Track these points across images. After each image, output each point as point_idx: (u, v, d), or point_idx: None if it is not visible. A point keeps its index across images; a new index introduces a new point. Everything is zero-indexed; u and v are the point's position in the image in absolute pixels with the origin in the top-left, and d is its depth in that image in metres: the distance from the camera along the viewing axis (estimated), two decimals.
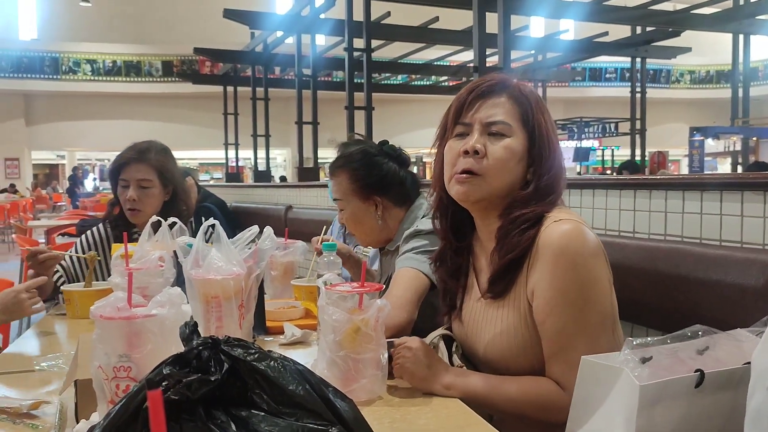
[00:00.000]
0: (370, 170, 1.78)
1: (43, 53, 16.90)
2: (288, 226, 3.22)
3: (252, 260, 1.41)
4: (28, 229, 6.62)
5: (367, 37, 5.89)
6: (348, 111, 5.95)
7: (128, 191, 2.15)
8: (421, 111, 18.14)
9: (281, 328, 1.57)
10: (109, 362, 0.94)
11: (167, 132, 16.56)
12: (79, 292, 1.82)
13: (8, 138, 17.57)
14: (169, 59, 17.33)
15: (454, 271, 1.32)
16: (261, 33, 8.85)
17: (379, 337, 1.11)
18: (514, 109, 1.21)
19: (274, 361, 0.66)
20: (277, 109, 10.69)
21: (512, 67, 5.78)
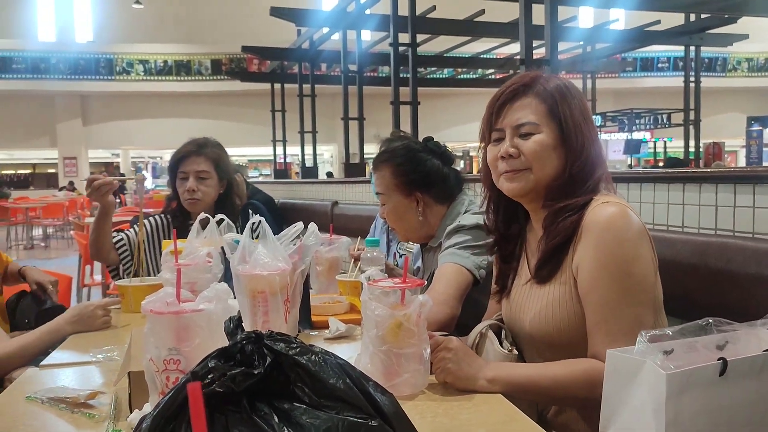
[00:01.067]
0: (414, 166, 1.78)
1: (98, 55, 17.44)
2: (334, 222, 3.25)
3: (297, 256, 1.43)
4: (85, 226, 6.85)
5: (412, 31, 5.88)
6: (393, 106, 5.96)
7: (187, 182, 2.27)
8: (468, 104, 18.03)
9: (326, 323, 1.59)
10: (159, 355, 0.98)
11: (217, 129, 16.85)
12: (133, 287, 1.88)
13: (67, 138, 18.23)
14: (218, 58, 17.66)
15: (506, 257, 1.41)
16: (307, 30, 8.93)
17: (421, 332, 1.11)
18: (540, 107, 1.27)
19: (316, 355, 0.68)
20: (323, 105, 10.77)
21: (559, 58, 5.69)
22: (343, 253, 2.12)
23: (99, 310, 1.67)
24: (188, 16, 18.32)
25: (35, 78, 17.04)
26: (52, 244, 11.58)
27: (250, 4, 17.24)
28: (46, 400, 1.15)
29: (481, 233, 1.68)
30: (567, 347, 1.23)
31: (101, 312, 1.68)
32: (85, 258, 4.77)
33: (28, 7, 18.51)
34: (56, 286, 2.20)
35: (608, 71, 15.07)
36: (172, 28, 18.22)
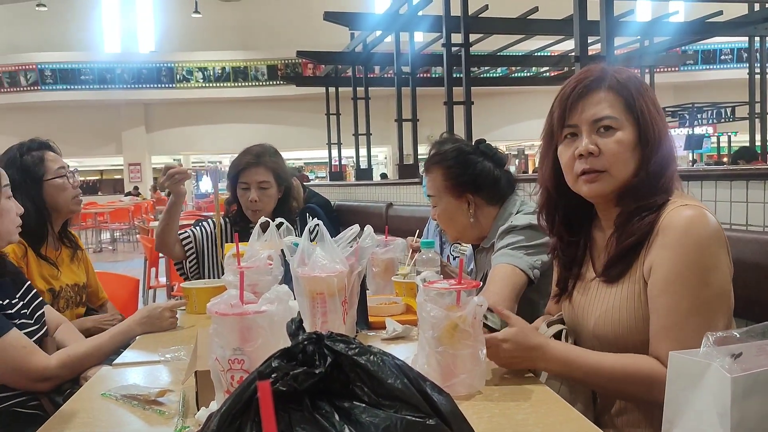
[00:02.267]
0: (464, 168, 1.80)
1: (160, 64, 18.02)
2: (388, 224, 3.28)
3: (354, 258, 1.46)
4: (150, 230, 7.10)
5: (465, 31, 5.86)
6: (447, 107, 5.95)
7: (249, 193, 2.35)
8: (522, 103, 17.82)
9: (383, 323, 1.61)
10: (224, 355, 1.02)
11: (273, 133, 17.24)
12: (197, 289, 1.96)
13: (131, 144, 18.90)
14: (274, 63, 17.99)
15: (567, 262, 1.36)
16: (360, 33, 9.01)
17: (477, 333, 1.13)
18: (618, 100, 1.21)
19: (374, 356, 0.70)
20: (377, 107, 10.85)
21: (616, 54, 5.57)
22: (399, 255, 2.15)
23: (166, 311, 1.75)
24: (244, 23, 18.73)
25: (102, 88, 17.74)
26: (119, 248, 12.03)
27: (305, 10, 17.50)
28: (120, 397, 1.21)
29: (534, 233, 1.68)
30: (631, 350, 1.21)
31: (168, 314, 1.75)
32: (151, 260, 4.95)
33: (95, 21, 19.30)
34: None
35: (667, 65, 14.61)
36: (230, 35, 18.66)
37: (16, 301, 1.63)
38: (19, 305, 1.64)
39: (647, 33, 9.15)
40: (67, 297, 2.06)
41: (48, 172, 2.04)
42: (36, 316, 1.69)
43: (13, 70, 17.44)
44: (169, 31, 19.20)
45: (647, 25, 9.16)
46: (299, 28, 17.82)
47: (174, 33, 19.07)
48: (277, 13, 18.59)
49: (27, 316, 1.65)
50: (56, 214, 2.08)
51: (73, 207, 2.12)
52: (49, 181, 2.03)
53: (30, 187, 1.97)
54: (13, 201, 1.64)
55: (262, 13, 18.57)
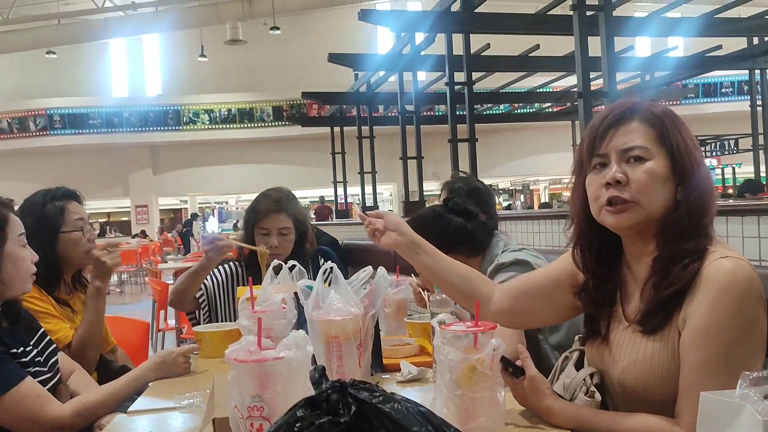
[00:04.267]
0: (440, 230, 1.83)
1: (167, 107, 18.27)
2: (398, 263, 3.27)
3: (368, 300, 1.46)
4: (158, 272, 7.12)
5: (467, 70, 5.94)
6: (451, 144, 6.00)
7: (269, 239, 2.34)
8: (526, 138, 17.95)
9: (397, 366, 1.60)
10: (243, 402, 1.02)
11: (279, 173, 17.37)
12: (210, 333, 1.95)
13: (138, 186, 19.05)
14: (279, 104, 18.22)
15: (598, 302, 1.29)
16: (364, 73, 9.14)
17: (496, 375, 1.12)
18: (649, 132, 1.18)
19: (398, 404, 0.70)
20: (382, 145, 10.93)
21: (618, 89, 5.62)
22: (411, 295, 2.15)
23: (180, 357, 1.74)
24: (250, 66, 19.04)
25: (109, 132, 17.97)
26: (126, 290, 12.01)
27: (309, 52, 17.79)
28: None
29: (521, 268, 1.71)
30: (657, 402, 1.16)
31: (182, 359, 1.75)
32: (160, 303, 4.95)
33: (103, 67, 19.68)
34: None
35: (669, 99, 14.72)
36: (235, 78, 18.95)
37: (30, 349, 1.63)
38: (33, 353, 1.63)
39: (648, 68, 9.26)
40: None
41: (65, 225, 2.04)
42: (50, 363, 1.69)
43: (23, 116, 17.70)
44: (176, 75, 19.52)
45: (647, 60, 9.28)
46: (304, 69, 18.11)
47: (180, 76, 19.39)
48: (282, 55, 18.90)
49: (41, 363, 1.65)
50: (68, 265, 2.09)
51: (86, 261, 2.12)
52: (65, 234, 2.03)
53: (45, 237, 1.97)
54: (28, 249, 1.65)
55: (267, 55, 18.88)
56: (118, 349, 2.35)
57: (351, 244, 5.14)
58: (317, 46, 16.47)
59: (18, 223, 1.64)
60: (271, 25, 15.79)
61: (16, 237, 1.61)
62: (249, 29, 15.99)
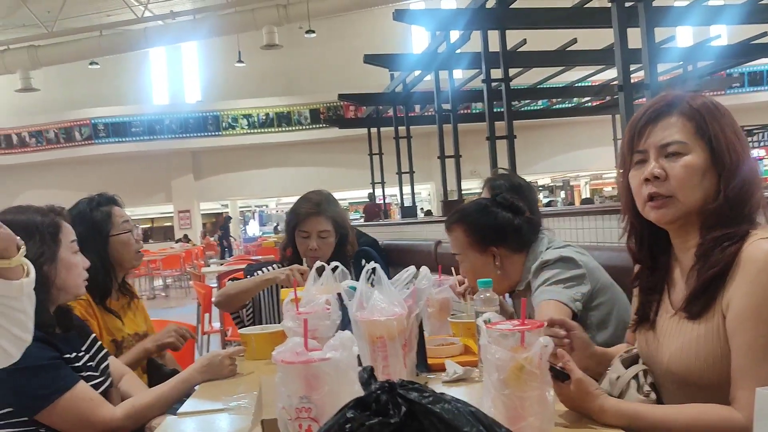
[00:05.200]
0: (485, 222, 1.82)
1: (206, 113, 18.59)
2: (439, 262, 3.26)
3: (411, 300, 1.46)
4: (202, 275, 7.24)
5: (504, 66, 5.89)
6: (490, 142, 5.95)
7: (309, 241, 2.37)
8: (565, 134, 17.71)
9: (442, 365, 1.59)
10: (291, 403, 1.02)
11: (317, 175, 17.52)
12: (255, 335, 1.98)
13: (181, 192, 19.43)
14: (316, 107, 18.35)
15: (649, 289, 1.33)
16: (400, 73, 9.14)
17: (544, 374, 1.10)
18: (687, 125, 1.20)
19: (448, 404, 0.70)
20: (419, 145, 10.92)
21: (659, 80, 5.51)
22: (454, 294, 2.13)
23: (226, 359, 1.76)
24: (286, 70, 19.23)
25: (151, 139, 18.36)
26: (171, 294, 12.25)
27: (345, 54, 17.88)
28: None
29: (566, 265, 1.69)
30: (709, 388, 1.16)
31: (228, 361, 1.77)
32: (204, 306, 5.02)
33: (144, 76, 20.15)
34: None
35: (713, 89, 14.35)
36: (272, 82, 19.17)
37: (82, 354, 1.67)
38: (85, 358, 1.67)
39: (690, 58, 9.04)
40: (130, 346, 2.10)
41: (114, 228, 2.10)
42: (101, 368, 1.73)
43: (69, 126, 18.22)
44: (214, 81, 19.85)
45: (689, 50, 9.05)
46: (340, 71, 18.20)
47: (219, 82, 19.71)
48: (318, 58, 19.04)
49: (93, 368, 1.69)
50: (119, 268, 2.14)
51: (135, 262, 2.19)
52: (115, 237, 2.09)
53: (97, 243, 2.03)
54: (80, 256, 1.70)
55: (302, 58, 19.04)
56: (166, 354, 2.39)
57: (391, 245, 5.14)
58: (352, 47, 16.53)
59: (70, 230, 1.68)
60: (306, 28, 15.92)
61: (68, 243, 1.66)
62: (285, 33, 16.15)
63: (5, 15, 16.12)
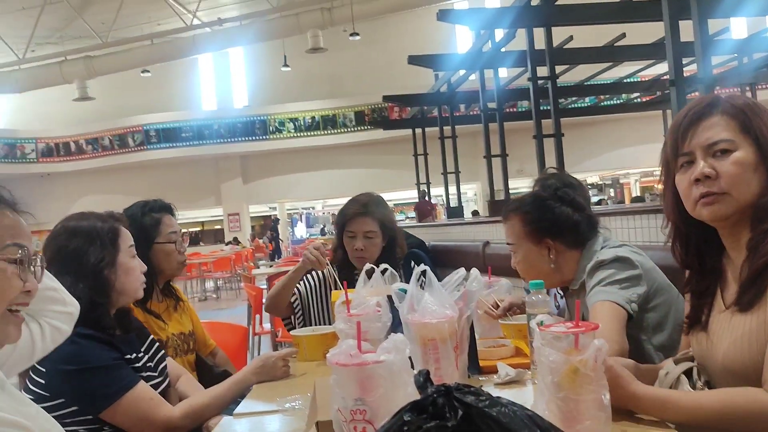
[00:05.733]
0: (542, 214, 1.79)
1: (254, 117, 18.90)
2: (488, 263, 3.24)
3: (462, 302, 1.46)
4: (252, 277, 7.36)
5: (550, 64, 5.83)
6: (536, 140, 5.89)
7: (355, 241, 2.40)
8: (614, 131, 17.35)
9: (494, 367, 1.59)
10: (346, 405, 1.04)
11: (363, 177, 17.60)
12: (307, 337, 2.00)
13: (230, 196, 19.81)
14: (361, 109, 18.46)
15: (700, 293, 1.32)
16: (444, 73, 9.12)
17: (600, 377, 1.09)
18: (731, 123, 1.20)
19: (505, 407, 0.70)
20: (464, 144, 10.88)
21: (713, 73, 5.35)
22: (504, 296, 2.12)
23: (280, 360, 1.79)
24: (331, 73, 19.40)
25: (201, 144, 18.77)
26: (222, 295, 12.49)
27: (389, 55, 17.94)
28: None
29: (622, 265, 1.66)
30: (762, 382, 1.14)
31: (282, 363, 1.80)
32: (255, 307, 5.11)
33: (193, 82, 20.65)
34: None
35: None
36: (318, 85, 19.37)
37: (141, 355, 1.73)
38: (144, 359, 1.73)
39: (745, 50, 8.76)
40: (174, 346, 2.14)
41: (160, 236, 2.14)
42: (159, 368, 1.78)
43: (123, 133, 18.79)
44: (261, 86, 20.17)
45: (744, 42, 8.78)
46: (384, 73, 18.26)
47: (265, 87, 20.02)
48: (362, 61, 19.14)
49: (152, 368, 1.74)
50: (161, 274, 2.18)
51: (176, 272, 2.22)
52: (159, 245, 2.13)
53: (142, 247, 2.07)
54: (138, 260, 1.75)
55: (347, 61, 19.18)
56: (219, 351, 2.44)
57: (438, 246, 5.13)
58: (396, 49, 16.57)
59: (128, 235, 1.74)
60: (350, 31, 16.02)
61: (127, 248, 1.71)
62: (329, 37, 16.29)
63: (62, 27, 16.72)
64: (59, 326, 1.32)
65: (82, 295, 1.58)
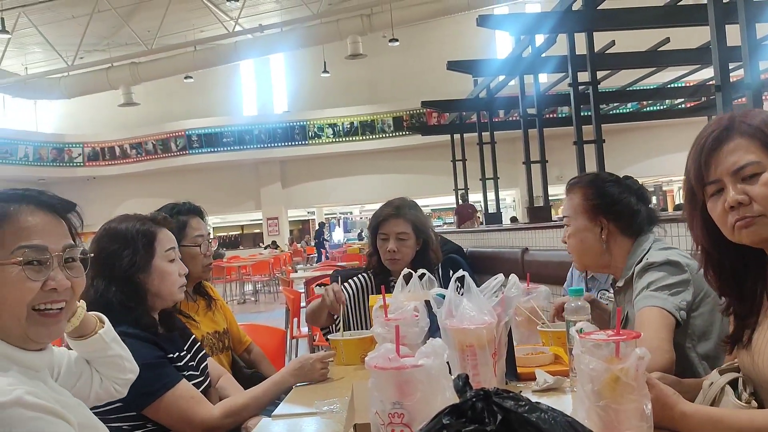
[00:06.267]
0: (604, 192, 1.81)
1: (293, 123, 19.11)
2: (527, 269, 3.21)
3: (500, 308, 1.45)
4: (290, 281, 7.43)
5: (592, 69, 5.75)
6: (577, 146, 5.82)
7: (388, 243, 2.41)
8: (657, 137, 17.03)
9: (532, 374, 1.57)
10: (384, 409, 1.04)
11: (401, 182, 17.63)
12: (345, 341, 2.01)
13: (269, 200, 20.05)
14: (399, 115, 18.49)
15: (744, 315, 1.28)
16: (483, 79, 9.08)
17: (641, 386, 1.07)
18: (752, 144, 1.17)
19: (545, 413, 0.69)
20: (503, 150, 10.79)
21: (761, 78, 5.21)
22: (543, 303, 2.10)
23: (318, 363, 1.81)
24: (370, 78, 19.51)
25: (241, 149, 19.05)
26: (260, 299, 12.62)
27: (427, 61, 17.96)
28: None
29: (673, 269, 1.63)
30: None
31: (320, 365, 1.81)
32: (292, 311, 5.15)
33: (234, 88, 20.98)
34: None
35: None
36: (356, 91, 19.49)
37: (184, 354, 1.76)
38: (186, 358, 1.76)
39: None
40: (210, 344, 2.17)
41: (185, 239, 2.15)
42: (201, 368, 1.81)
43: (165, 138, 19.18)
44: (301, 92, 20.39)
45: None
46: (422, 78, 18.28)
47: (305, 93, 20.23)
48: (401, 66, 19.20)
49: (194, 368, 1.77)
50: (186, 278, 2.20)
51: (202, 275, 2.23)
52: (184, 248, 2.10)
53: None
54: (178, 263, 1.78)
55: (386, 67, 19.26)
56: (254, 347, 2.47)
57: (476, 252, 5.10)
58: (435, 54, 16.57)
59: (169, 238, 1.77)
60: (390, 37, 16.09)
61: (164, 252, 1.74)
62: (368, 43, 16.38)
63: (110, 35, 17.17)
64: (115, 389, 1.38)
65: (114, 299, 1.63)
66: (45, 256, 1.06)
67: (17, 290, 1.03)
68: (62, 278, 1.07)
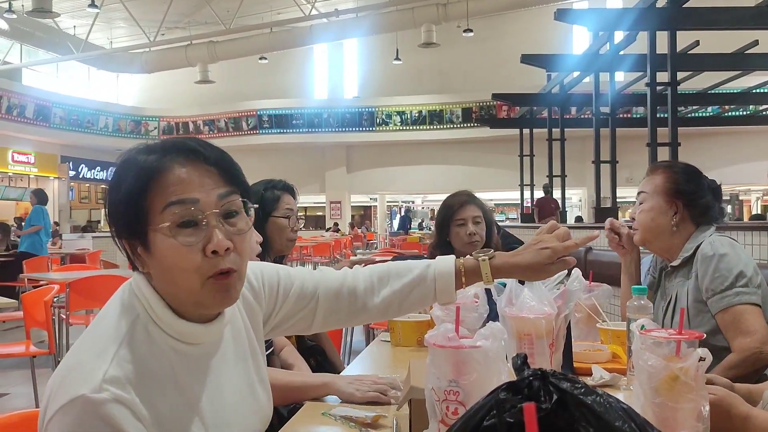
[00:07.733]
0: (688, 179, 1.93)
1: (362, 108, 19.22)
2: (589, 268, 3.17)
3: (561, 301, 1.46)
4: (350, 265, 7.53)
5: (671, 70, 5.57)
6: (650, 148, 5.65)
7: (467, 227, 2.56)
8: (736, 144, 16.34)
9: (588, 370, 1.57)
10: (440, 385, 1.07)
11: (465, 174, 17.52)
12: (402, 323, 2.05)
13: (334, 184, 20.29)
14: (468, 106, 18.34)
15: None
16: (557, 74, 8.91)
17: (700, 387, 1.07)
18: None
19: (600, 397, 0.71)
20: (572, 148, 10.56)
21: None
22: (603, 301, 2.08)
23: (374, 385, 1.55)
24: (441, 68, 19.42)
25: (310, 132, 19.33)
26: None
27: (501, 53, 17.73)
28: (339, 418, 1.32)
29: (738, 256, 1.77)
30: None
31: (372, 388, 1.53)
32: None
33: (307, 71, 21.28)
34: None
35: None
36: (427, 80, 19.44)
37: None
38: None
39: None
40: None
41: (277, 211, 2.25)
42: None
43: (237, 116, 19.64)
44: (371, 78, 20.49)
45: None
46: (494, 70, 18.07)
47: (375, 79, 20.32)
48: (473, 57, 19.02)
49: None
50: (271, 249, 2.28)
51: (285, 249, 2.32)
52: (274, 219, 2.23)
53: (259, 219, 2.20)
54: (253, 231, 1.84)
55: (458, 57, 19.12)
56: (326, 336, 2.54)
57: None
58: (509, 47, 16.33)
59: None
60: (464, 27, 15.95)
61: None
62: (442, 32, 16.30)
63: (191, 13, 17.68)
64: None
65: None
66: (194, 213, 0.93)
67: (181, 260, 0.92)
68: (219, 238, 0.93)
